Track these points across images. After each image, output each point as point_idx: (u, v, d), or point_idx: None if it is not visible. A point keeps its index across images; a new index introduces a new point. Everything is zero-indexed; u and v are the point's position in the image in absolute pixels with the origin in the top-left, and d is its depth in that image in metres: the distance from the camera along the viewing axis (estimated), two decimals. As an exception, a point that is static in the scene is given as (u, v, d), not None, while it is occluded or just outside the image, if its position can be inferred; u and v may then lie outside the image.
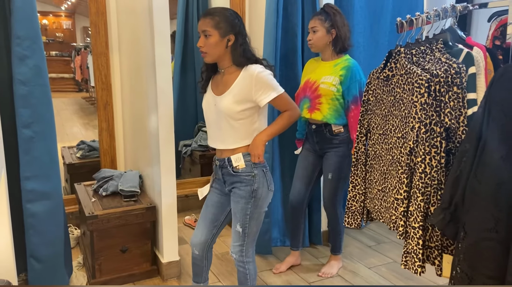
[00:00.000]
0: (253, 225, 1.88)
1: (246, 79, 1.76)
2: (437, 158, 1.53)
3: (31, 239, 2.03)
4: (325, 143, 2.43)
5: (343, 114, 2.35)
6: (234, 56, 1.77)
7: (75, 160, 3.41)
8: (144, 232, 2.52)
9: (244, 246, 1.91)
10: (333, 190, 2.48)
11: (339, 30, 2.30)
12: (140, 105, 2.72)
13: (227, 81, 1.81)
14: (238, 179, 1.85)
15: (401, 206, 1.62)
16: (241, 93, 1.76)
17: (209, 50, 1.77)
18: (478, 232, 1.26)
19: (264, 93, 1.75)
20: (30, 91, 1.98)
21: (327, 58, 2.39)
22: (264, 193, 1.85)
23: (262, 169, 1.85)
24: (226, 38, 1.75)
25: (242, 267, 1.94)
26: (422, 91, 1.53)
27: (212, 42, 1.75)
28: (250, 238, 1.91)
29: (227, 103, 1.78)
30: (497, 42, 1.84)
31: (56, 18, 4.27)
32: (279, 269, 2.65)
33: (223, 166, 1.88)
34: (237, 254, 1.93)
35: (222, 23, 1.74)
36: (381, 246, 3.03)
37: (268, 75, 1.76)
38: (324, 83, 2.33)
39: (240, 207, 1.85)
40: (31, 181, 2.00)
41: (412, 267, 1.57)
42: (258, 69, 1.75)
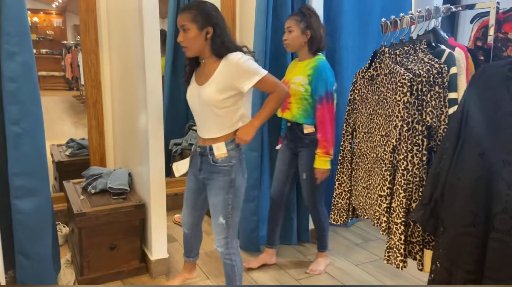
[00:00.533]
0: (235, 215, 1.92)
1: (227, 67, 1.78)
2: (419, 155, 1.57)
3: (19, 236, 2.04)
4: (297, 142, 2.45)
5: (312, 115, 2.36)
6: (213, 47, 1.79)
7: (64, 158, 3.41)
8: (133, 230, 2.53)
9: (229, 238, 1.93)
10: (309, 190, 2.49)
11: (314, 31, 2.32)
12: (129, 103, 2.73)
13: (209, 71, 1.83)
14: (216, 170, 1.87)
15: (384, 203, 1.66)
16: (223, 81, 1.78)
17: (189, 44, 1.80)
18: (457, 227, 1.30)
19: (247, 78, 1.75)
20: (19, 88, 1.98)
21: (302, 59, 2.42)
22: (241, 181, 1.89)
23: (239, 158, 1.88)
24: (205, 31, 1.78)
25: (228, 260, 1.97)
26: (405, 90, 1.57)
27: (191, 36, 1.77)
28: (233, 229, 1.94)
29: (209, 92, 1.80)
30: (478, 43, 1.89)
31: (47, 16, 4.25)
32: (249, 264, 2.67)
33: (203, 153, 1.91)
34: (223, 248, 1.95)
35: (199, 16, 1.76)
36: (368, 244, 3.07)
37: (248, 61, 1.77)
38: (294, 83, 2.35)
39: (222, 198, 1.88)
40: (19, 177, 2.01)
41: (394, 261, 1.60)
42: (238, 56, 1.77)
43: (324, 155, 2.32)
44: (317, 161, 2.34)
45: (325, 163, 2.33)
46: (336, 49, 3.06)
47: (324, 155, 2.32)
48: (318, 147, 2.33)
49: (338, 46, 3.06)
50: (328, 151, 2.31)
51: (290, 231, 2.98)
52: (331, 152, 2.32)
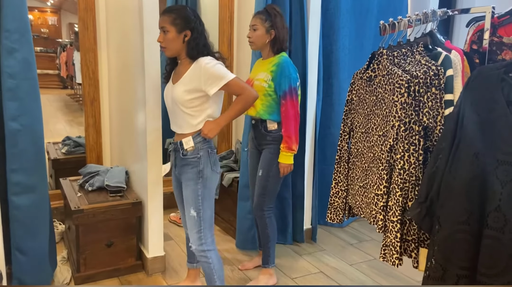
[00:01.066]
0: (207, 207, 1.94)
1: (196, 70, 1.86)
2: (415, 155, 1.60)
3: (16, 232, 2.04)
4: (261, 139, 2.42)
5: (277, 111, 2.35)
6: (187, 49, 1.90)
7: (60, 156, 3.40)
8: (129, 227, 2.54)
9: (202, 232, 1.94)
10: (261, 189, 2.41)
11: (278, 31, 2.33)
12: (127, 101, 2.74)
13: (181, 71, 1.94)
14: (185, 162, 1.95)
15: (381, 201, 1.69)
16: (190, 83, 1.87)
17: (168, 45, 1.90)
18: (452, 225, 1.33)
19: (213, 82, 1.83)
20: (18, 84, 1.99)
21: (266, 57, 2.42)
22: (209, 173, 1.93)
23: (207, 150, 1.94)
24: (183, 34, 1.88)
25: (204, 257, 1.96)
26: (402, 91, 1.60)
27: (169, 37, 1.88)
28: (207, 222, 1.95)
29: (178, 91, 1.90)
30: (474, 47, 1.92)
31: (42, 13, 4.24)
32: (245, 266, 2.67)
33: (176, 149, 2.00)
34: (197, 243, 1.95)
35: (178, 19, 1.86)
36: (362, 244, 3.11)
37: (215, 65, 1.85)
38: (257, 79, 2.37)
39: (191, 190, 1.93)
40: (17, 173, 2.01)
41: (390, 259, 1.63)
42: (206, 61, 1.85)
43: (287, 151, 2.31)
44: (281, 156, 2.34)
45: (288, 158, 2.33)
46: (333, 50, 3.10)
47: (287, 150, 2.31)
48: (282, 143, 2.34)
49: (335, 47, 3.10)
50: (291, 147, 2.31)
51: (285, 231, 3.00)
52: (293, 148, 2.32)
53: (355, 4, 3.18)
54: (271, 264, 2.52)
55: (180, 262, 2.74)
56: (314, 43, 2.89)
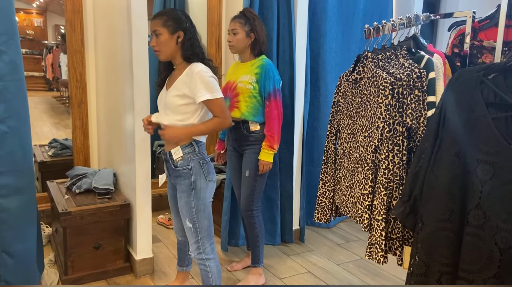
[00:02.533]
0: (202, 218, 1.91)
1: (188, 75, 1.84)
2: (399, 155, 1.64)
3: (4, 234, 2.02)
4: (242, 141, 2.44)
5: (261, 112, 2.39)
6: (183, 51, 1.87)
7: (46, 158, 3.38)
8: (117, 229, 2.54)
9: (200, 242, 1.93)
10: (249, 189, 2.44)
11: (257, 34, 2.37)
12: (115, 103, 2.74)
13: (176, 76, 1.92)
14: (178, 174, 1.93)
15: (366, 201, 1.73)
16: (182, 88, 1.85)
17: (161, 48, 1.87)
18: (434, 223, 1.37)
19: (200, 91, 1.80)
20: (6, 86, 1.98)
21: (245, 60, 2.46)
22: (203, 184, 1.90)
23: (199, 161, 1.91)
24: (176, 35, 1.86)
25: (202, 265, 1.97)
26: (387, 93, 1.64)
27: (162, 40, 1.85)
28: (203, 233, 1.93)
29: (170, 96, 1.88)
30: (455, 50, 1.98)
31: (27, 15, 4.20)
32: (234, 267, 2.69)
33: (166, 159, 1.98)
34: (195, 252, 1.96)
35: (170, 21, 1.84)
36: (349, 244, 3.15)
37: (209, 77, 1.82)
38: (241, 81, 2.40)
39: (184, 202, 1.92)
40: (4, 176, 2.00)
41: (375, 257, 1.67)
42: (200, 67, 1.83)
43: (268, 149, 2.37)
44: (262, 153, 2.38)
45: (269, 156, 2.38)
46: (320, 53, 3.15)
47: (269, 148, 2.37)
48: (264, 141, 2.38)
49: (322, 50, 3.14)
50: (272, 145, 2.37)
51: (274, 232, 3.03)
52: (275, 147, 2.39)
53: (341, 8, 3.23)
54: (261, 264, 2.56)
55: (169, 263, 2.74)
56: (301, 46, 2.93)
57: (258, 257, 2.55)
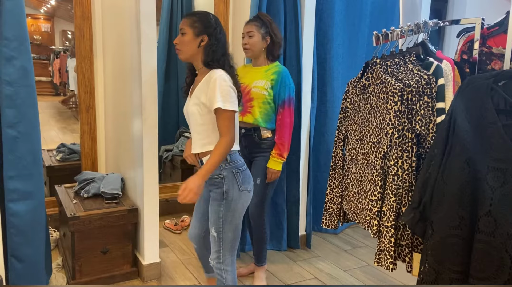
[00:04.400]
0: (228, 230, 1.85)
1: (207, 82, 1.78)
2: (408, 161, 1.64)
3: (13, 238, 2.03)
4: (253, 148, 2.42)
5: (273, 119, 2.39)
6: (204, 55, 1.82)
7: (54, 163, 3.40)
8: (125, 234, 2.55)
9: (221, 253, 1.88)
10: (260, 196, 2.43)
11: (276, 37, 2.37)
12: (123, 108, 2.75)
13: (197, 82, 1.87)
14: (211, 182, 1.88)
15: (375, 207, 1.72)
16: (200, 96, 1.80)
17: (182, 47, 1.83)
18: (444, 230, 1.36)
19: (214, 98, 1.72)
20: (16, 92, 2.00)
21: (260, 64, 2.43)
22: (235, 194, 1.83)
23: (232, 171, 1.84)
24: (200, 38, 1.81)
25: (219, 275, 1.92)
26: (396, 100, 1.64)
27: (186, 39, 1.82)
28: (227, 244, 1.87)
29: (190, 104, 1.85)
30: (464, 57, 1.98)
31: (35, 20, 4.25)
32: (241, 272, 2.67)
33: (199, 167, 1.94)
34: (215, 261, 1.90)
35: (198, 23, 1.81)
36: (356, 250, 3.14)
37: (226, 86, 1.74)
38: (256, 87, 2.38)
39: (213, 210, 1.87)
40: (14, 180, 2.02)
41: (384, 264, 1.67)
42: (219, 74, 1.76)
43: (278, 157, 2.36)
44: (270, 162, 2.37)
45: (278, 164, 2.37)
46: (326, 59, 3.16)
47: (278, 157, 2.36)
48: (274, 149, 2.37)
49: (329, 55, 3.15)
50: (282, 154, 2.36)
51: (280, 237, 3.03)
52: (284, 155, 2.37)
53: (348, 14, 3.24)
54: (266, 262, 2.65)
55: (176, 269, 2.74)
56: (308, 52, 2.94)
57: (265, 256, 2.61)
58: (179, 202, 1.72)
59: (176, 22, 3.97)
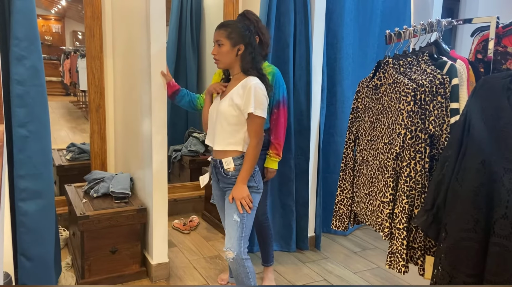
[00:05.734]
0: (250, 218, 1.96)
1: (243, 87, 1.91)
2: (421, 163, 1.61)
3: (23, 237, 2.04)
4: None
5: (267, 119, 2.37)
6: (243, 63, 1.95)
7: (64, 162, 3.42)
8: (134, 234, 2.55)
9: (242, 240, 1.94)
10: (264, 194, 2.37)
11: (262, 36, 2.33)
12: (133, 108, 2.76)
13: (232, 85, 1.99)
14: (229, 181, 1.99)
15: (386, 209, 1.69)
16: (235, 98, 1.91)
17: (221, 58, 1.96)
18: (458, 232, 1.34)
19: (248, 103, 1.87)
20: (26, 91, 2.00)
21: None
22: (252, 193, 1.97)
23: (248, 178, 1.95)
24: (237, 48, 1.94)
25: (242, 267, 1.96)
26: (409, 100, 1.61)
27: (224, 50, 1.93)
28: (247, 231, 1.95)
29: (224, 105, 1.95)
30: (479, 56, 1.94)
31: (46, 21, 4.28)
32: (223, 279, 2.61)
33: (215, 166, 2.03)
34: (236, 250, 1.92)
35: (234, 33, 1.93)
36: (366, 252, 3.11)
37: (261, 94, 1.89)
38: None
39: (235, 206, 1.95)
40: (24, 179, 2.02)
41: (396, 266, 1.64)
42: (256, 82, 1.90)
43: (275, 156, 2.37)
44: (268, 161, 2.38)
45: (276, 163, 2.39)
46: (336, 59, 3.13)
47: (275, 156, 2.37)
48: (270, 149, 2.37)
49: (339, 55, 3.12)
50: (279, 153, 2.38)
51: (289, 238, 3.00)
52: (281, 154, 2.39)
53: (358, 14, 3.21)
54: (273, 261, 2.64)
55: (184, 269, 2.74)
56: (318, 52, 2.92)
57: (272, 256, 2.61)
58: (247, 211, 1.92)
59: (185, 22, 3.97)
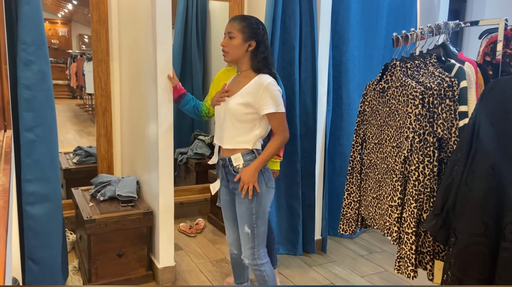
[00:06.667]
0: (260, 224, 1.93)
1: (256, 86, 1.86)
2: (430, 166, 1.60)
3: (30, 241, 2.05)
4: None
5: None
6: (253, 61, 1.91)
7: (71, 166, 3.43)
8: (140, 237, 2.55)
9: (255, 248, 1.94)
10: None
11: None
12: (139, 112, 2.76)
13: (240, 82, 1.93)
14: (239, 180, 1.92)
15: (395, 213, 1.68)
16: (248, 97, 1.86)
17: (230, 51, 1.91)
18: (468, 237, 1.32)
19: (265, 104, 1.83)
20: (34, 96, 2.01)
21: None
22: (264, 190, 1.92)
23: (260, 169, 1.91)
24: (248, 43, 1.89)
25: (258, 270, 1.97)
26: (417, 103, 1.60)
27: (234, 43, 1.89)
28: (260, 239, 1.94)
29: (234, 103, 1.89)
30: (487, 58, 1.93)
31: (52, 25, 4.32)
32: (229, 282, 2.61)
33: (224, 165, 1.97)
34: (250, 258, 1.95)
35: (247, 28, 1.88)
36: (373, 255, 3.08)
37: (276, 91, 1.85)
38: None
39: (245, 208, 1.92)
40: (32, 183, 2.03)
41: (405, 271, 1.62)
42: (269, 81, 1.85)
43: (277, 157, 2.36)
44: (272, 164, 2.35)
45: (277, 164, 2.38)
46: (342, 61, 3.12)
47: (277, 157, 2.36)
48: None
49: (345, 58, 3.11)
50: (280, 154, 2.37)
51: (295, 241, 2.99)
52: (281, 155, 2.38)
53: (364, 16, 3.20)
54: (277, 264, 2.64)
55: (190, 272, 2.73)
56: (324, 54, 2.91)
57: (276, 258, 2.61)
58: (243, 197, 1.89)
59: (191, 25, 3.98)
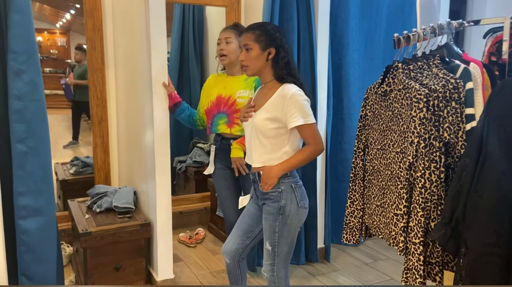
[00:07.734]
0: (283, 244, 1.80)
1: (280, 97, 1.73)
2: (436, 173, 1.53)
3: (23, 256, 1.98)
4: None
5: None
6: (276, 69, 1.78)
7: (68, 176, 3.37)
8: (138, 249, 2.48)
9: (275, 266, 1.82)
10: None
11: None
12: (135, 121, 2.71)
13: (266, 95, 1.80)
14: (267, 196, 1.82)
15: (401, 222, 1.61)
16: (273, 110, 1.74)
17: (250, 63, 1.78)
18: (480, 247, 1.25)
19: (293, 116, 1.70)
20: (25, 106, 1.96)
21: (235, 73, 2.36)
22: (293, 210, 1.78)
23: (291, 185, 1.79)
24: (267, 51, 1.76)
25: (273, 283, 1.87)
26: (421, 106, 1.53)
27: (253, 55, 1.76)
28: (281, 257, 1.82)
29: (259, 118, 1.77)
30: (493, 58, 1.87)
31: (51, 35, 4.29)
32: None
33: (254, 180, 1.88)
34: (269, 273, 1.85)
35: (263, 36, 1.76)
36: (377, 263, 3.00)
37: (303, 100, 1.72)
38: (241, 97, 2.29)
39: (268, 224, 1.81)
40: (24, 196, 1.96)
41: (413, 283, 1.55)
42: (294, 90, 1.72)
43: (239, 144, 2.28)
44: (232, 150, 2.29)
45: (239, 152, 2.29)
46: (342, 64, 3.06)
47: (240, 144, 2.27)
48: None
49: (345, 61, 3.06)
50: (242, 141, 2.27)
51: (298, 251, 2.92)
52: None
53: (363, 19, 3.15)
54: None
55: (190, 284, 2.66)
56: (323, 58, 2.86)
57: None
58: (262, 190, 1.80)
59: (188, 32, 3.93)
